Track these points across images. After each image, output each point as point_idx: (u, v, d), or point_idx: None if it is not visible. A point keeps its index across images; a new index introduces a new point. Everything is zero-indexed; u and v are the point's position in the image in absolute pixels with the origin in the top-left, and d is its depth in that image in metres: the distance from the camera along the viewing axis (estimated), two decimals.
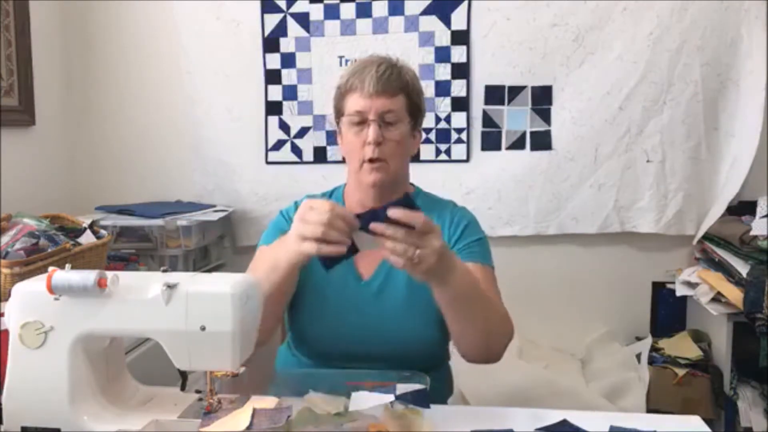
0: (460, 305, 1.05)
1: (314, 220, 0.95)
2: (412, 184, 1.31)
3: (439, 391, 1.26)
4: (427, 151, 2.30)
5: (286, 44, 2.33)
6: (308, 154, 2.37)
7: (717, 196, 2.19)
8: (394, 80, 1.17)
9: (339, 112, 1.22)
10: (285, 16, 2.32)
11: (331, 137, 2.34)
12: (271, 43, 2.34)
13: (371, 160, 1.15)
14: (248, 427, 0.89)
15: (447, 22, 2.25)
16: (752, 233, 1.90)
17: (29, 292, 0.94)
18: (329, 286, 1.19)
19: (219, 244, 2.44)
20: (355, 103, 1.16)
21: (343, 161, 1.24)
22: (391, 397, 0.94)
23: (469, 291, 1.05)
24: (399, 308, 1.18)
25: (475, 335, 1.09)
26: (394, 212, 0.93)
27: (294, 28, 2.32)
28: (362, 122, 1.16)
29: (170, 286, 0.90)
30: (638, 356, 2.10)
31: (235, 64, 2.36)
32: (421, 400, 0.97)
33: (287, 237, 1.01)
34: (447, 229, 1.22)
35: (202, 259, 2.32)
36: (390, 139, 1.16)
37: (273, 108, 2.37)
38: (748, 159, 2.10)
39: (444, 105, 2.28)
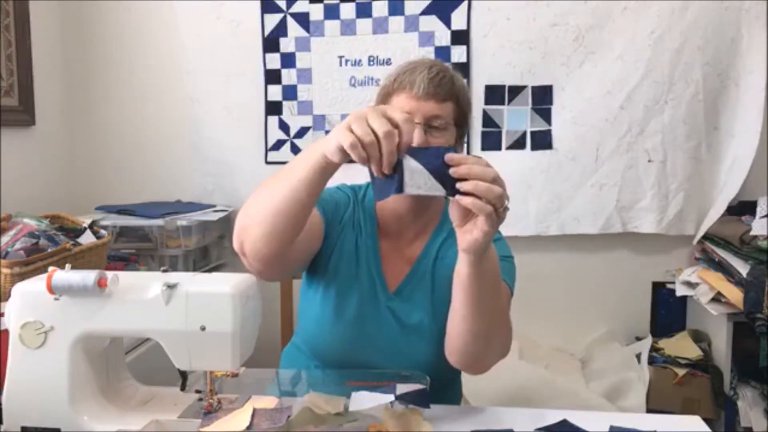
0: (482, 285, 0.93)
1: (375, 125, 0.82)
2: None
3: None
4: None
5: (286, 44, 2.33)
6: None
7: (717, 196, 2.19)
8: (445, 85, 1.09)
9: None
10: (285, 16, 2.32)
11: None
12: (271, 43, 2.34)
13: None
14: (248, 427, 0.89)
15: (447, 22, 2.25)
16: (752, 233, 1.89)
17: (29, 292, 0.95)
18: (354, 292, 1.14)
19: (219, 244, 2.44)
20: (401, 103, 1.08)
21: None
22: (391, 397, 0.94)
23: (494, 276, 0.96)
24: (418, 325, 1.13)
25: (479, 328, 0.97)
26: (454, 157, 0.82)
27: (294, 28, 2.32)
28: None
29: (170, 286, 0.90)
30: (638, 356, 2.10)
31: (235, 63, 2.36)
32: (421, 400, 0.96)
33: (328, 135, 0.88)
34: None
35: (202, 259, 2.32)
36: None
37: (273, 108, 2.37)
38: (748, 159, 2.10)
39: None
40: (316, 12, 2.30)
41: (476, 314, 0.96)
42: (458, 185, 0.83)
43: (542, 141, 2.26)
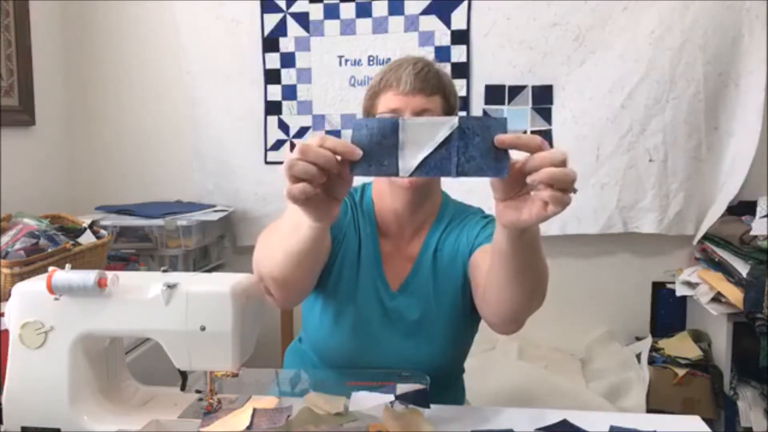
0: (522, 257, 0.88)
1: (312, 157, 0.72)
2: (442, 191, 1.24)
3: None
4: None
5: (286, 44, 2.33)
6: None
7: (717, 196, 2.19)
8: (431, 79, 1.09)
9: (369, 114, 1.14)
10: (285, 16, 2.32)
11: None
12: (270, 43, 2.34)
13: None
14: (248, 427, 0.89)
15: (447, 21, 2.25)
16: (752, 233, 1.89)
17: (29, 292, 0.95)
18: (356, 295, 1.14)
19: (219, 244, 2.44)
20: (389, 101, 1.09)
21: None
22: (391, 397, 0.94)
23: (535, 245, 0.89)
24: (422, 320, 1.14)
25: (520, 293, 0.93)
26: (505, 139, 0.72)
27: (294, 28, 2.32)
28: None
29: (170, 286, 0.90)
30: (638, 356, 2.10)
31: (234, 63, 2.36)
32: (421, 400, 0.96)
33: None
34: (481, 228, 1.13)
35: (202, 259, 2.32)
36: None
37: (272, 108, 2.37)
38: (748, 159, 2.10)
39: None
40: (316, 12, 2.30)
41: (517, 283, 0.91)
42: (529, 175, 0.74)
43: None
